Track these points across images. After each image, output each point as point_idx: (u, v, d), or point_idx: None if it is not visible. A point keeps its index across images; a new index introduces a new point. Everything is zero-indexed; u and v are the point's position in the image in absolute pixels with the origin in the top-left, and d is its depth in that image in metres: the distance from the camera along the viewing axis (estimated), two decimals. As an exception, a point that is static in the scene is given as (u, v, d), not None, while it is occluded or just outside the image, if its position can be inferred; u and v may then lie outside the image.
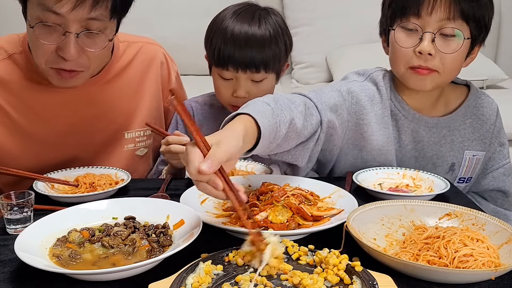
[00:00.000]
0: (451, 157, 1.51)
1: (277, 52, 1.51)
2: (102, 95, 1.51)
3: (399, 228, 1.09)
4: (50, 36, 1.26)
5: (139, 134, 1.60)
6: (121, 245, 1.00)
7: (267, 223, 1.09)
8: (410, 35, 1.35)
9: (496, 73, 2.89)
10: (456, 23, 1.31)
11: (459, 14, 1.31)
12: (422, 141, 1.49)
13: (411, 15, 1.33)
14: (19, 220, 1.10)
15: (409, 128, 1.48)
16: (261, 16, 1.51)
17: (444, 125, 1.49)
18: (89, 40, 1.29)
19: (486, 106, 1.50)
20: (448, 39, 1.33)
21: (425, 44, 1.32)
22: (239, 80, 1.50)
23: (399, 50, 1.37)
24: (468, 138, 1.50)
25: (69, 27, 1.24)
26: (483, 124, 1.50)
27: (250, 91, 1.51)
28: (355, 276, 0.87)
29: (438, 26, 1.32)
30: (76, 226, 1.05)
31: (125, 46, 1.56)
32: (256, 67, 1.48)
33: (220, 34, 1.49)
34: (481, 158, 1.53)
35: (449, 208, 1.11)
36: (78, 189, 1.33)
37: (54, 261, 0.94)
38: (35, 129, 1.46)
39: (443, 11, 1.30)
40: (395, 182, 1.40)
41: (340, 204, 1.19)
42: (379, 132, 1.45)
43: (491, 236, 1.01)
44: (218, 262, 0.92)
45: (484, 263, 0.92)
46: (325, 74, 3.15)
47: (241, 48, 1.46)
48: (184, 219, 1.05)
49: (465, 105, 1.49)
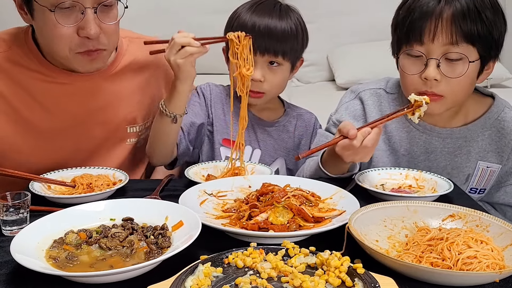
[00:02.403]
0: (467, 168, 1.48)
1: (295, 45, 1.57)
2: (106, 89, 1.52)
3: (401, 229, 1.09)
4: (68, 19, 1.30)
5: (141, 128, 1.61)
6: (118, 247, 0.99)
7: (268, 224, 1.08)
8: (415, 62, 1.36)
9: (501, 72, 2.87)
10: (460, 47, 1.31)
11: (462, 38, 1.30)
12: (435, 152, 1.48)
13: (414, 42, 1.34)
14: (15, 222, 1.10)
15: (421, 139, 1.48)
16: (282, 10, 1.56)
17: (460, 136, 1.47)
18: (104, 14, 1.34)
19: (509, 120, 1.46)
20: (453, 63, 1.32)
21: (430, 70, 1.32)
22: (257, 63, 1.52)
23: (406, 76, 1.39)
24: (484, 149, 1.47)
25: (86, 2, 1.29)
26: (502, 137, 1.46)
27: (266, 75, 1.56)
28: (357, 278, 0.87)
29: (442, 51, 1.31)
30: (73, 227, 1.05)
31: (128, 41, 1.58)
32: (274, 51, 1.54)
33: (240, 26, 1.50)
34: (496, 171, 1.49)
35: (452, 209, 1.11)
36: (75, 190, 1.32)
37: (50, 263, 0.94)
38: (37, 119, 1.48)
39: (446, 36, 1.30)
40: (398, 183, 1.39)
41: (342, 205, 1.18)
42: (381, 145, 1.48)
43: (495, 237, 1.01)
44: (218, 264, 0.92)
45: (489, 265, 0.92)
46: (326, 73, 3.14)
47: (261, 37, 1.50)
48: (183, 220, 1.04)
49: (485, 116, 1.47)
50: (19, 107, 1.46)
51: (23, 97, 1.45)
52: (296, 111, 1.75)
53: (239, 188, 1.29)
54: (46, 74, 1.45)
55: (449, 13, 1.30)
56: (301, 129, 1.72)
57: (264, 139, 1.69)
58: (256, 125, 1.68)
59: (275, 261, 0.91)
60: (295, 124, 1.72)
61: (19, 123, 1.47)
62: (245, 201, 1.19)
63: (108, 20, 1.36)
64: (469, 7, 1.30)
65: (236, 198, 1.24)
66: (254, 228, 1.07)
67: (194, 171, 1.44)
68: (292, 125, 1.72)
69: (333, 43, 3.10)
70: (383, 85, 1.57)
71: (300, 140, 1.72)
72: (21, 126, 1.47)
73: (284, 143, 1.70)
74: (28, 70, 1.45)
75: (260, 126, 1.69)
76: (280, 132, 1.70)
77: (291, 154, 1.69)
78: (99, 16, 1.33)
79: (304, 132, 1.72)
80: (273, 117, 1.72)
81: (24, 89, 1.45)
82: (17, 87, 1.45)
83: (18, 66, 1.44)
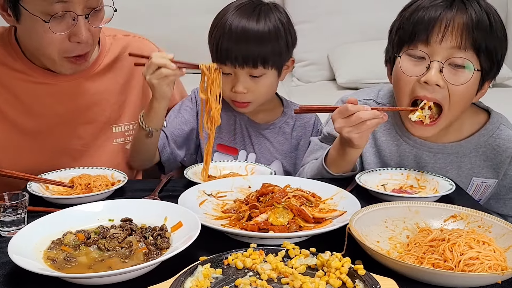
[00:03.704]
0: (459, 184, 1.43)
1: (276, 48, 1.49)
2: (89, 88, 1.52)
3: (403, 230, 1.08)
4: (60, 26, 1.31)
5: (128, 128, 1.60)
6: (117, 247, 0.99)
7: (268, 225, 1.08)
8: (416, 64, 1.30)
9: (503, 71, 2.85)
10: (466, 53, 1.26)
11: (471, 44, 1.26)
12: (426, 167, 1.45)
13: (419, 42, 1.29)
14: (12, 222, 1.09)
15: (411, 153, 1.46)
16: (262, 11, 1.50)
17: (451, 152, 1.43)
18: (93, 18, 1.35)
19: (504, 138, 1.41)
20: (457, 70, 1.28)
21: (432, 73, 1.26)
22: (238, 76, 1.50)
23: (403, 79, 1.32)
24: (478, 165, 1.44)
25: (77, 10, 1.30)
26: (498, 155, 1.42)
27: (249, 87, 1.51)
28: (357, 279, 0.86)
29: (448, 55, 1.27)
30: (71, 228, 1.04)
31: (111, 39, 1.57)
32: (253, 62, 1.47)
33: (220, 28, 1.48)
34: (491, 185, 1.46)
35: (454, 210, 1.10)
36: (73, 190, 1.32)
37: (48, 264, 0.94)
38: (21, 119, 1.48)
39: (454, 39, 1.26)
40: (399, 183, 1.39)
41: (343, 205, 1.17)
42: (371, 157, 1.49)
43: (497, 238, 1.00)
44: (217, 265, 0.91)
45: (491, 267, 0.91)
46: (327, 72, 3.13)
47: (238, 43, 1.45)
48: (182, 221, 1.04)
49: (479, 133, 1.42)
50: (3, 107, 1.46)
51: (7, 97, 1.45)
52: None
53: (239, 189, 1.28)
54: (29, 74, 1.45)
55: (462, 20, 1.26)
56: (300, 130, 1.67)
57: (259, 142, 1.64)
58: (250, 128, 1.65)
59: (275, 262, 0.91)
60: (293, 124, 1.67)
61: (4, 123, 1.46)
62: (245, 202, 1.18)
63: (97, 23, 1.37)
64: (483, 19, 1.27)
65: (235, 199, 1.23)
66: (254, 229, 1.06)
67: (193, 171, 1.43)
68: (289, 126, 1.67)
69: (334, 42, 3.09)
70: (374, 96, 1.52)
71: (298, 141, 1.67)
72: (6, 126, 1.47)
73: (280, 145, 1.66)
74: (12, 70, 1.45)
75: (255, 129, 1.65)
76: (275, 135, 1.65)
77: (288, 157, 1.65)
78: (90, 20, 1.34)
79: (303, 133, 1.67)
80: (270, 118, 1.67)
81: (8, 89, 1.45)
82: (1, 87, 1.45)
83: (2, 66, 1.44)
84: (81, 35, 1.32)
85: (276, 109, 1.69)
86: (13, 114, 1.47)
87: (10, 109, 1.46)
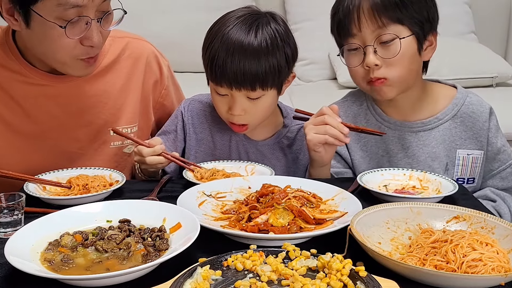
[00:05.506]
0: (445, 157, 1.51)
1: (275, 64, 1.38)
2: (87, 90, 1.51)
3: (405, 231, 1.08)
4: (74, 31, 1.31)
5: (126, 131, 1.59)
6: (115, 249, 0.98)
7: (268, 226, 1.07)
8: (355, 54, 1.43)
9: (506, 70, 2.85)
10: (389, 28, 1.37)
11: (387, 19, 1.36)
12: (411, 146, 1.51)
13: (348, 37, 1.42)
14: (9, 223, 1.09)
15: (395, 136, 1.52)
16: (259, 25, 1.39)
17: (432, 126, 1.51)
18: (105, 21, 1.35)
19: (475, 103, 1.50)
20: (388, 46, 1.38)
21: (370, 57, 1.38)
22: (234, 97, 1.41)
23: (352, 70, 1.46)
24: (460, 136, 1.51)
25: (90, 14, 1.30)
26: (475, 122, 1.50)
27: (246, 109, 1.42)
28: (359, 281, 0.86)
29: (374, 36, 1.38)
30: (69, 229, 1.04)
31: (110, 41, 1.55)
32: (251, 84, 1.37)
33: (216, 43, 1.40)
34: (479, 157, 1.51)
35: (457, 211, 1.10)
36: (70, 191, 1.31)
37: (45, 266, 0.93)
38: (18, 121, 1.47)
39: (370, 23, 1.37)
40: (401, 184, 1.38)
41: (344, 206, 1.17)
42: (358, 153, 1.55)
43: (500, 240, 1.00)
44: (217, 267, 0.91)
45: (494, 268, 0.91)
46: (328, 71, 3.12)
47: (233, 61, 1.36)
48: (181, 222, 1.04)
49: (452, 103, 1.51)
50: (0, 108, 1.45)
51: (4, 99, 1.44)
52: (297, 122, 1.56)
53: (239, 189, 1.28)
54: (26, 76, 1.44)
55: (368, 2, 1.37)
56: (299, 143, 1.58)
57: (257, 158, 1.56)
58: (248, 144, 1.57)
59: (276, 264, 0.90)
60: (293, 138, 1.58)
61: (1, 124, 1.46)
62: (244, 203, 1.17)
63: (108, 26, 1.37)
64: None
65: (235, 200, 1.23)
66: (254, 230, 1.05)
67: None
68: (288, 140, 1.58)
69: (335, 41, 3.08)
70: (348, 97, 1.63)
71: (297, 155, 1.58)
72: (3, 127, 1.46)
73: (277, 161, 1.57)
74: (9, 71, 1.43)
75: (252, 145, 1.57)
76: (273, 150, 1.57)
77: (287, 172, 1.57)
78: (102, 24, 1.34)
79: (302, 146, 1.57)
80: (268, 133, 1.58)
81: (4, 90, 1.44)
82: None
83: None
84: (94, 38, 1.32)
85: (275, 122, 1.60)
86: (9, 115, 1.46)
87: (5, 110, 1.45)
